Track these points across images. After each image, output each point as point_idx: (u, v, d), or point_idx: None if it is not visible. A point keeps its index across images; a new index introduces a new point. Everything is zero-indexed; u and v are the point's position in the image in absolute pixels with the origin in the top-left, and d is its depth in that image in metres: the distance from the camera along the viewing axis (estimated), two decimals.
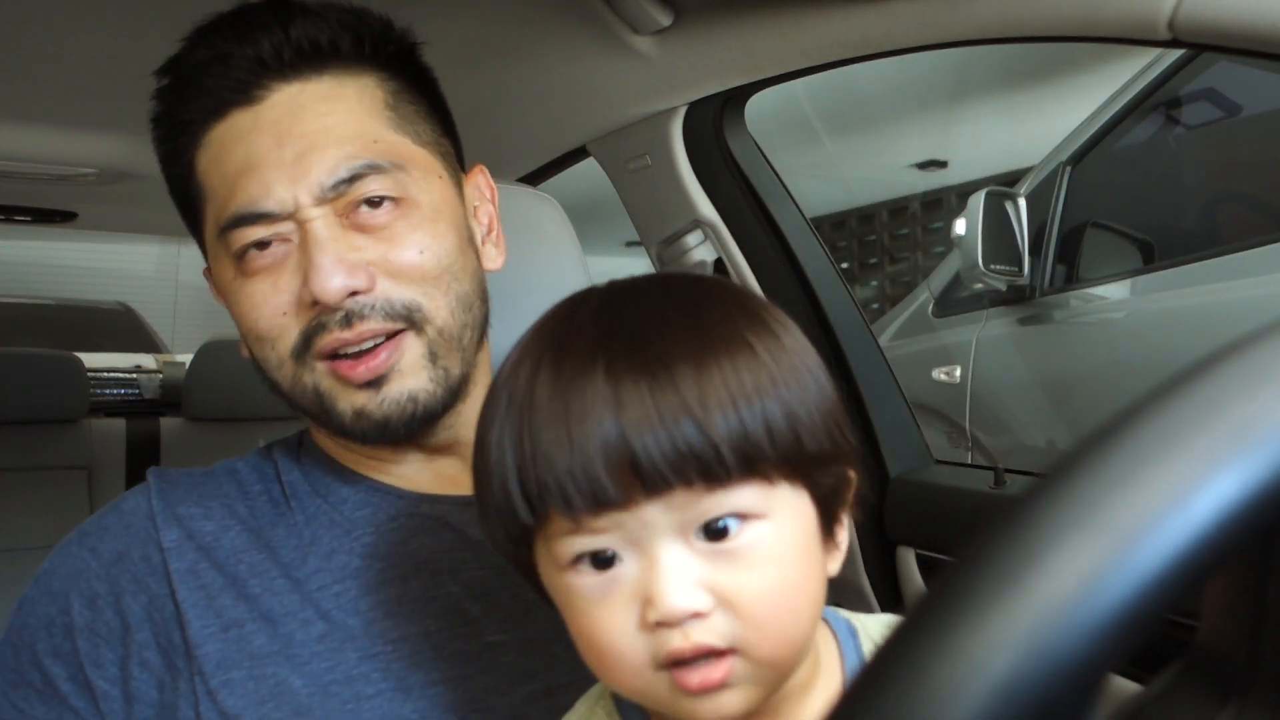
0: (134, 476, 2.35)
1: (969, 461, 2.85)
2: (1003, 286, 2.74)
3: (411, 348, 0.78)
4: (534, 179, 1.60)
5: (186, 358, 2.84)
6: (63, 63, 1.40)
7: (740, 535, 0.52)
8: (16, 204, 2.23)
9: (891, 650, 0.28)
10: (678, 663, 0.52)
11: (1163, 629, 0.27)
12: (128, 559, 0.78)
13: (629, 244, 6.59)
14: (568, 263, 1.11)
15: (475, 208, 0.88)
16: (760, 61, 1.17)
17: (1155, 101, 2.62)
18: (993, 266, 2.64)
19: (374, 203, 0.77)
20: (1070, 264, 2.69)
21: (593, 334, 0.55)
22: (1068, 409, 2.67)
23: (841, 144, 5.84)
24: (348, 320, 0.75)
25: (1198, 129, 2.69)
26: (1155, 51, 2.54)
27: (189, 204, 0.83)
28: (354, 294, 0.75)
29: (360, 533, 0.81)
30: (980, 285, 2.74)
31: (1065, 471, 0.28)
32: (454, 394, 0.81)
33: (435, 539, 0.81)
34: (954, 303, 3.14)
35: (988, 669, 0.26)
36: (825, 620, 0.63)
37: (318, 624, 0.76)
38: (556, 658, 0.77)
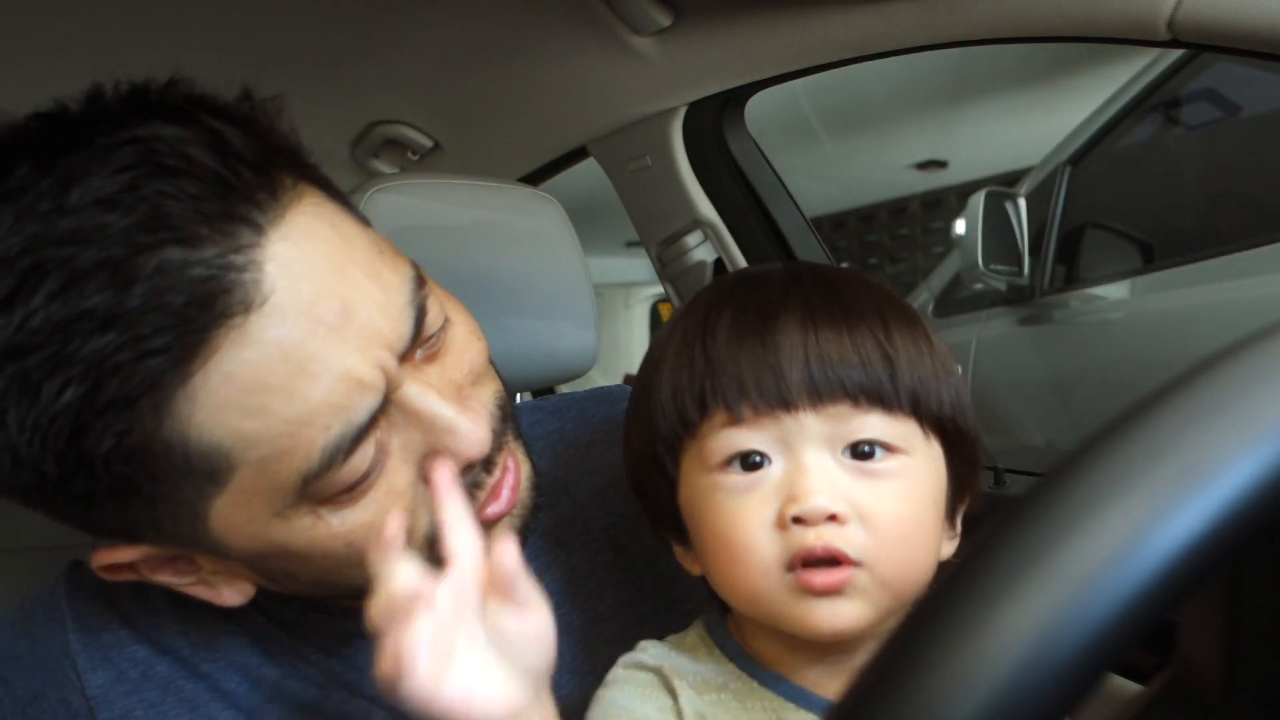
0: None
1: None
2: (1002, 286, 2.74)
3: (512, 442, 0.67)
4: (534, 179, 1.60)
5: None
6: (62, 63, 1.40)
7: (883, 462, 0.58)
8: None
9: (853, 696, 0.28)
10: (804, 565, 0.56)
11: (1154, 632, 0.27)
12: (45, 701, 0.67)
13: (629, 244, 6.59)
14: (568, 263, 1.11)
15: None
16: (760, 62, 1.17)
17: (1155, 102, 2.62)
18: (993, 266, 2.64)
19: (432, 336, 0.62)
20: (1070, 264, 2.69)
21: (783, 278, 0.62)
22: (1067, 409, 2.67)
23: (841, 144, 5.84)
24: (490, 467, 0.63)
25: (1198, 129, 2.68)
26: (1154, 51, 2.54)
27: (125, 490, 0.55)
28: None
29: (314, 655, 0.70)
30: (980, 285, 2.74)
31: (1019, 516, 0.28)
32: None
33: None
34: (954, 303, 3.14)
35: (949, 715, 0.25)
36: None
37: None
38: None
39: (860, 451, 0.58)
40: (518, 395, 1.59)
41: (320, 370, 0.54)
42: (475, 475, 0.62)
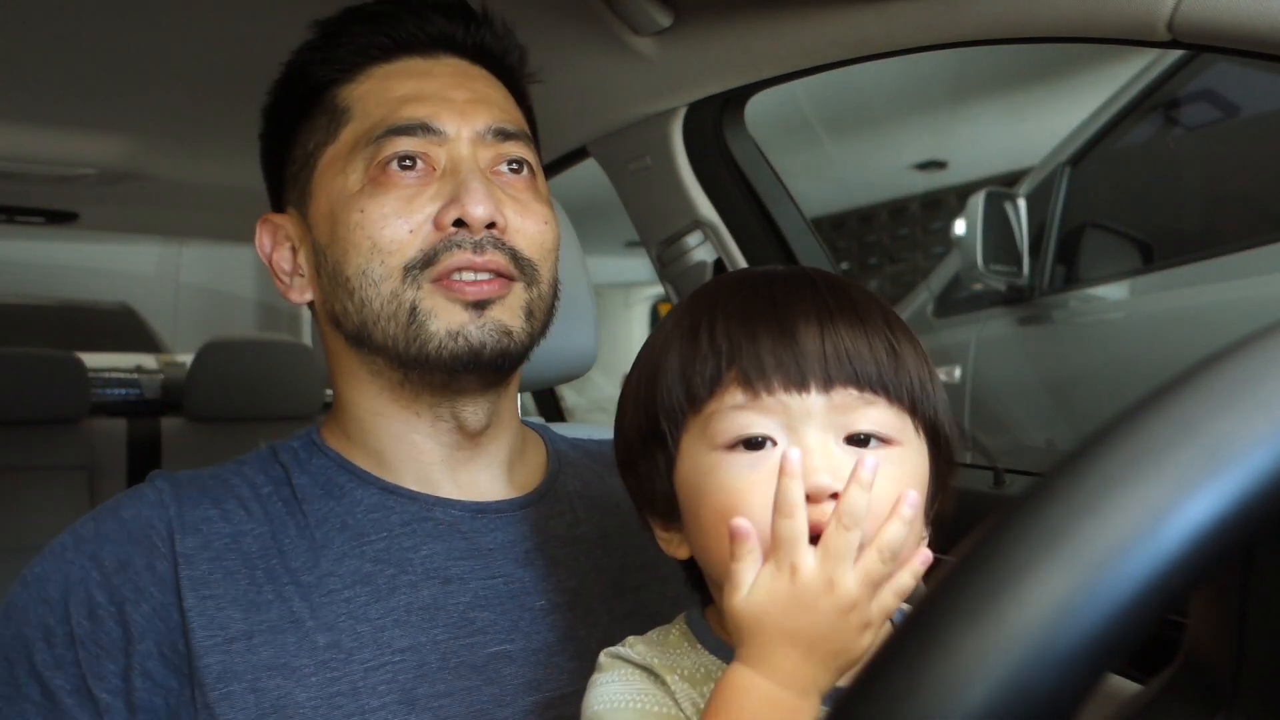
0: (135, 476, 2.35)
1: (968, 461, 2.85)
2: (1002, 287, 2.74)
3: (518, 294, 0.83)
4: None
5: (187, 358, 2.84)
6: (63, 63, 1.41)
7: (877, 450, 0.61)
8: (18, 204, 2.23)
9: (863, 684, 0.27)
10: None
11: (1158, 631, 0.27)
12: (131, 568, 0.76)
13: (629, 244, 6.59)
14: (568, 263, 1.11)
15: None
16: (760, 62, 1.18)
17: (1155, 102, 2.62)
18: (992, 267, 2.64)
19: (515, 167, 0.86)
20: (1069, 264, 2.69)
21: (792, 276, 0.66)
22: (1067, 409, 2.67)
23: (841, 145, 5.84)
24: (480, 247, 0.80)
25: (1197, 129, 2.69)
26: (1154, 52, 2.54)
27: (309, 119, 0.87)
28: (491, 226, 0.80)
29: (373, 537, 0.81)
30: (980, 285, 2.75)
31: (1036, 498, 0.28)
32: (526, 354, 0.85)
33: (447, 545, 0.81)
34: (953, 303, 3.15)
35: (960, 701, 0.25)
36: None
37: (325, 634, 0.75)
38: (560, 668, 0.78)
39: (856, 439, 0.61)
40: (517, 396, 1.59)
41: (424, 98, 0.84)
42: (461, 239, 0.80)
